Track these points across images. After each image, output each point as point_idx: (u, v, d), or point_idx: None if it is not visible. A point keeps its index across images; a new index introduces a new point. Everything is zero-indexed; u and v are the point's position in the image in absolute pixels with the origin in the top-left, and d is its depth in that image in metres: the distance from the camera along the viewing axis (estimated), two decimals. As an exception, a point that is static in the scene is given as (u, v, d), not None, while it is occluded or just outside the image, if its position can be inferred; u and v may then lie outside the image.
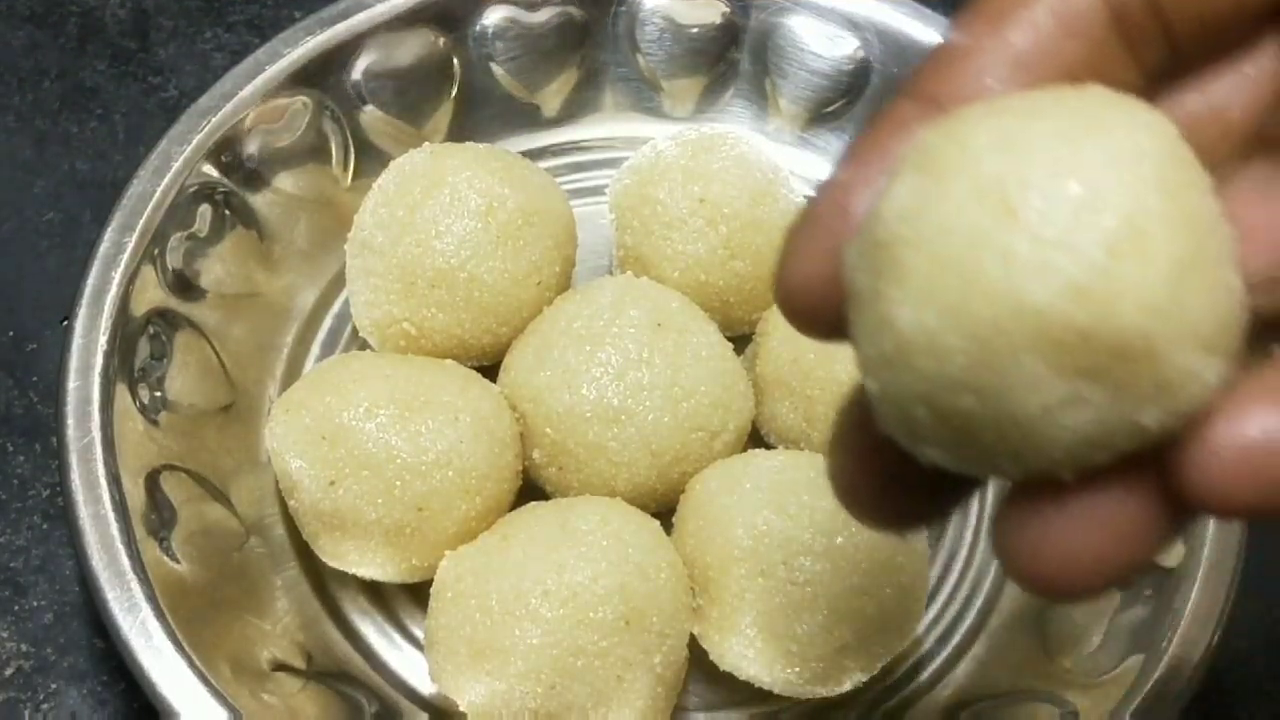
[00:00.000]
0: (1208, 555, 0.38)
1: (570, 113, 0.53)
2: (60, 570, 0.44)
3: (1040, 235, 0.17)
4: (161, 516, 0.39)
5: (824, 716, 0.41)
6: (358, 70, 0.49)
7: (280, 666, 0.39)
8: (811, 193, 0.41)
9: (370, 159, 0.49)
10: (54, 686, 0.42)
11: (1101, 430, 0.18)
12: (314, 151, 0.48)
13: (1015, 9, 0.20)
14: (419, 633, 0.41)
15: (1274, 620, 0.44)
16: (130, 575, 0.37)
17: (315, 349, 0.47)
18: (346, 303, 0.46)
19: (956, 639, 0.42)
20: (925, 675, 0.42)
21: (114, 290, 0.41)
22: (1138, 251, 0.17)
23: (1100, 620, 0.40)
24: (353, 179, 0.49)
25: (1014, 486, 0.19)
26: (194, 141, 0.45)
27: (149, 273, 0.43)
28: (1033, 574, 0.19)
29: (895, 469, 0.20)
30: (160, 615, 0.36)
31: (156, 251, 0.43)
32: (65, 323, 0.42)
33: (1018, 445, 0.18)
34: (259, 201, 0.47)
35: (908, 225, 0.18)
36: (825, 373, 0.42)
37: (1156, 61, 0.21)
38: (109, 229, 0.43)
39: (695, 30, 0.52)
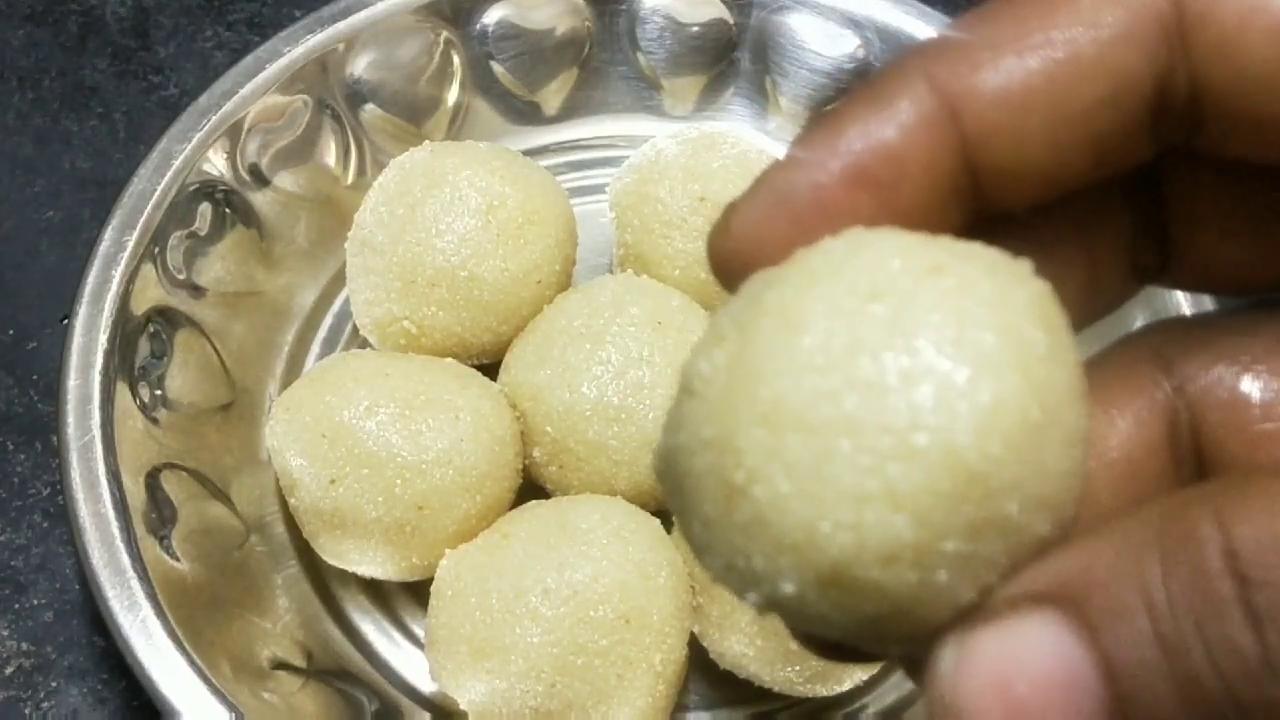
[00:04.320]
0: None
1: (570, 111, 0.53)
2: (60, 569, 0.44)
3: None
4: (162, 515, 0.39)
5: (823, 716, 0.41)
6: (358, 69, 0.49)
7: (281, 665, 0.39)
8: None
9: (370, 157, 0.49)
10: (54, 685, 0.42)
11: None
12: (314, 150, 0.48)
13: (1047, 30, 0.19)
14: (419, 631, 0.41)
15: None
16: (130, 574, 0.37)
17: (315, 347, 0.47)
18: (347, 301, 0.46)
19: (957, 637, 0.42)
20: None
21: (114, 288, 0.41)
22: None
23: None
24: (353, 177, 0.49)
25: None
26: (194, 140, 0.45)
27: (149, 271, 0.43)
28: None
29: None
30: (160, 614, 0.36)
31: (157, 250, 0.43)
32: (65, 321, 0.42)
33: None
34: (259, 200, 0.47)
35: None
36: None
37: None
38: (109, 227, 0.43)
39: (696, 29, 0.52)
